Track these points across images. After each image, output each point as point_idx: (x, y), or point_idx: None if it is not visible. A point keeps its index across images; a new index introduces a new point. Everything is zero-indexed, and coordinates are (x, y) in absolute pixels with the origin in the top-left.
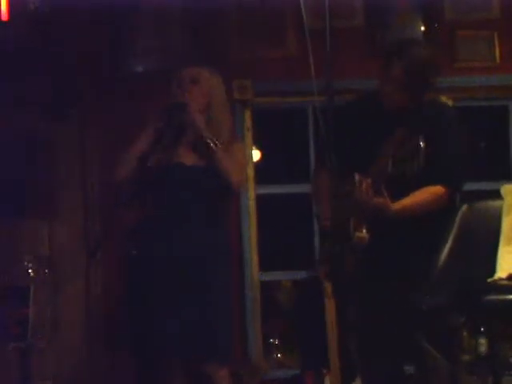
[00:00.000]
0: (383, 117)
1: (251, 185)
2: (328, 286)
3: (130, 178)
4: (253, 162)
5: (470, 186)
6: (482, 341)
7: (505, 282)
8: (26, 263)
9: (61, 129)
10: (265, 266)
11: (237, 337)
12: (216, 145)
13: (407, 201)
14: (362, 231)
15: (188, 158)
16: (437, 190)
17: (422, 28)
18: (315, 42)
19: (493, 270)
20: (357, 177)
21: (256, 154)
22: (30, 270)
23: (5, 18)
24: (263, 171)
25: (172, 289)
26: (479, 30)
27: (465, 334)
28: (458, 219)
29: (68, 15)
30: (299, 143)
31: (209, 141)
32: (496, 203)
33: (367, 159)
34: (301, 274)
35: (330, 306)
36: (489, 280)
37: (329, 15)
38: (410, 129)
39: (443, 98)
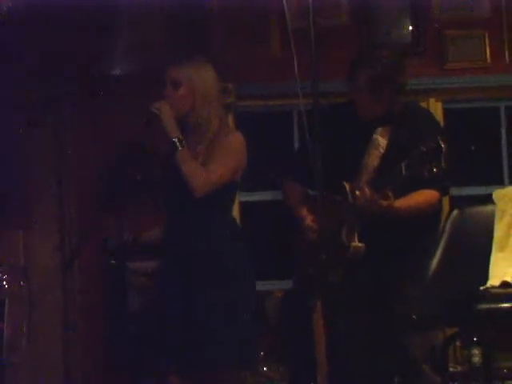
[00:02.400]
0: (359, 124)
1: None
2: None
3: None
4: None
5: (460, 191)
6: (476, 351)
7: (498, 290)
8: (0, 275)
9: (35, 136)
10: None
11: None
12: (183, 146)
13: (406, 201)
14: (355, 240)
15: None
16: (431, 194)
17: (410, 28)
18: (299, 43)
19: (485, 278)
20: (347, 185)
21: None
22: (4, 283)
23: None
24: (247, 178)
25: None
26: (469, 29)
27: (458, 344)
28: (448, 225)
29: (42, 17)
30: (284, 147)
31: (175, 141)
32: (488, 208)
33: (348, 169)
34: (287, 284)
35: (318, 317)
36: (481, 288)
37: (313, 15)
38: (391, 133)
39: (432, 100)
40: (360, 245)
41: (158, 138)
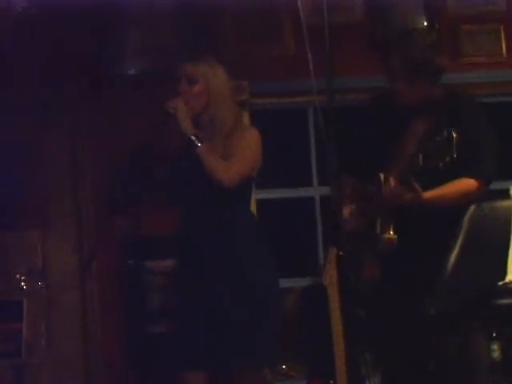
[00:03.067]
0: (398, 113)
1: None
2: (333, 293)
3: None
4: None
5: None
6: (495, 346)
7: None
8: (18, 276)
9: (51, 137)
10: None
11: None
12: (201, 142)
13: (439, 191)
14: (389, 233)
15: (185, 161)
16: (469, 183)
17: (425, 23)
18: (314, 40)
19: (503, 273)
20: (382, 176)
21: None
22: (22, 283)
23: None
24: (263, 175)
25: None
26: (484, 23)
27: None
28: (466, 220)
29: (56, 17)
30: (300, 145)
31: (193, 139)
32: (505, 203)
33: (386, 158)
34: (305, 281)
35: (336, 314)
36: (500, 283)
37: (327, 11)
38: (431, 121)
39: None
40: (392, 236)
41: (169, 137)
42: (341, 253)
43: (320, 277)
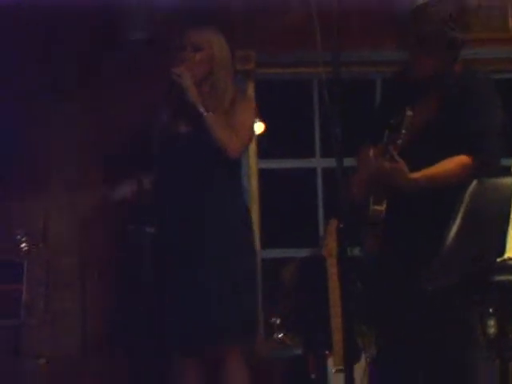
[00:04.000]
0: (410, 87)
1: (253, 159)
2: (332, 265)
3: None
4: (255, 136)
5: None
6: (491, 322)
7: None
8: (18, 237)
9: (54, 108)
10: (267, 243)
11: None
12: (207, 111)
13: (429, 171)
14: (380, 205)
15: (182, 127)
16: (462, 159)
17: None
18: (321, 10)
19: (503, 250)
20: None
21: (259, 127)
22: (23, 245)
23: None
24: (266, 145)
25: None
26: None
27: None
28: (467, 196)
29: None
30: (304, 116)
31: (200, 109)
32: (507, 180)
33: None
34: (304, 252)
35: (334, 285)
36: (498, 260)
37: None
38: (439, 96)
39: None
40: (380, 208)
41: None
42: (341, 225)
43: (320, 248)
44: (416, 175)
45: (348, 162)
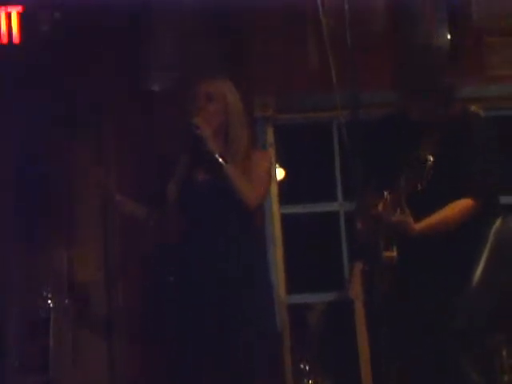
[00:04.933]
0: (409, 130)
1: (275, 204)
2: (359, 308)
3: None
4: (276, 181)
5: (503, 200)
6: None
7: None
8: (45, 293)
9: (79, 150)
10: (292, 288)
11: None
12: (226, 162)
13: (433, 219)
14: (391, 250)
15: (201, 175)
16: (465, 203)
17: (448, 36)
18: (337, 54)
19: None
20: (385, 194)
21: (280, 173)
22: (49, 301)
23: (16, 40)
24: (288, 190)
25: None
26: (509, 36)
27: (504, 353)
28: (491, 233)
29: (83, 35)
30: (324, 160)
31: (219, 159)
32: None
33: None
34: (331, 296)
35: (362, 329)
36: None
37: (349, 25)
38: (438, 139)
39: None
40: (392, 254)
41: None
42: (366, 268)
43: (345, 291)
44: (421, 226)
45: None
